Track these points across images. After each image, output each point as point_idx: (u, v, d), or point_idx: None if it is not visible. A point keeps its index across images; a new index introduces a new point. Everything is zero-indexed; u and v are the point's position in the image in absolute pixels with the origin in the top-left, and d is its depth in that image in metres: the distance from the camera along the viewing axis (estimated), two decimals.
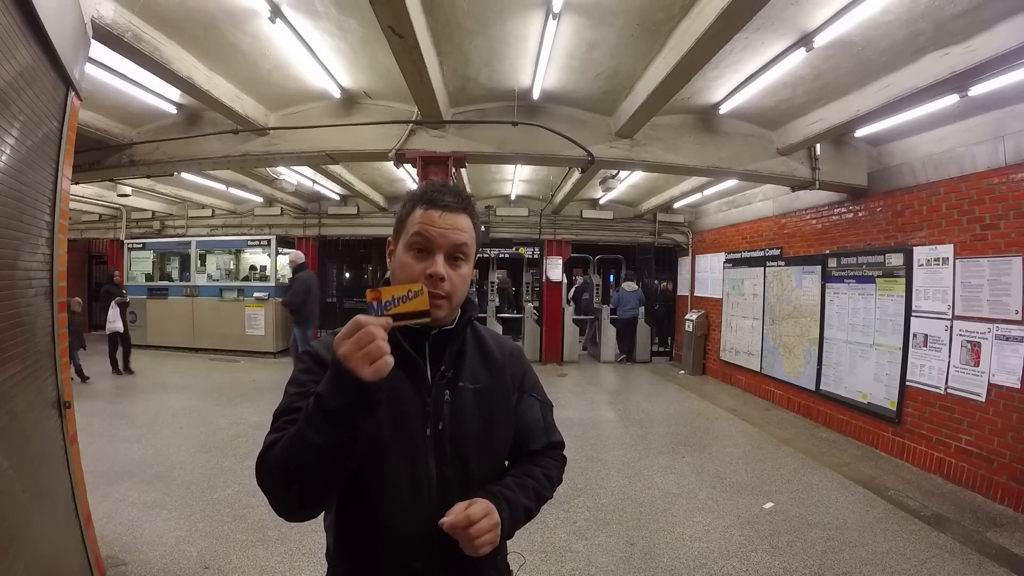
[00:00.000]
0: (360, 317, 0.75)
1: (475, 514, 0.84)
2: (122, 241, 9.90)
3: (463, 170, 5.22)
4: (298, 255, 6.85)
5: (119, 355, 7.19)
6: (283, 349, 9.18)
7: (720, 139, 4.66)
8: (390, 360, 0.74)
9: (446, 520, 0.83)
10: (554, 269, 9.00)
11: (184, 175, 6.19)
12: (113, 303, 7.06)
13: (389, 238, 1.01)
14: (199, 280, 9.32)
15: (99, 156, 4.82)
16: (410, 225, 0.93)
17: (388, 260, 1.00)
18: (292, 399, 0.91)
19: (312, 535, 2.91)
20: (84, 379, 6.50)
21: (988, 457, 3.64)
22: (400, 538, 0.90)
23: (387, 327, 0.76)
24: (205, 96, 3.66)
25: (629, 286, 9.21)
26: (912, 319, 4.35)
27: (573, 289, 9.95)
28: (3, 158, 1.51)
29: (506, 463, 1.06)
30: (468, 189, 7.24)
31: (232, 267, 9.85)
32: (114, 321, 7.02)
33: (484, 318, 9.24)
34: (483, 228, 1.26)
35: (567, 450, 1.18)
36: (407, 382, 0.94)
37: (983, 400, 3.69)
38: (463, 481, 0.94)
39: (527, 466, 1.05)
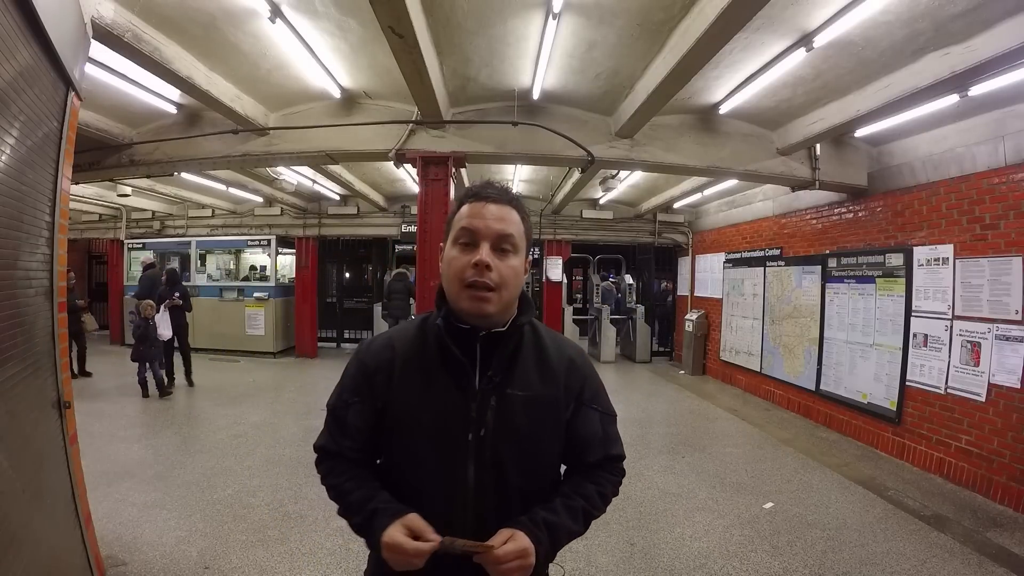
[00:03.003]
0: (410, 547, 0.82)
1: (506, 556, 0.83)
2: (122, 241, 9.90)
3: (463, 170, 5.23)
4: (148, 256, 7.99)
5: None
6: (283, 349, 9.19)
7: (720, 139, 4.66)
8: (419, 565, 0.83)
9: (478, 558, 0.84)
10: (554, 269, 9.00)
11: (184, 175, 6.19)
12: (163, 306, 6.19)
13: (441, 244, 1.01)
14: (199, 280, 9.31)
15: (99, 156, 4.82)
16: (456, 222, 0.94)
17: (439, 264, 0.99)
18: (339, 405, 1.00)
19: (312, 535, 2.91)
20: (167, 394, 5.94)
21: (988, 457, 3.64)
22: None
23: (431, 549, 0.83)
24: (205, 96, 3.66)
25: (605, 284, 9.79)
26: (912, 319, 4.35)
27: (600, 289, 9.97)
28: (3, 158, 1.51)
29: (562, 469, 1.06)
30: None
31: (232, 267, 9.85)
32: (162, 327, 6.16)
33: None
34: (529, 230, 1.21)
35: None
36: (453, 386, 0.94)
37: (983, 400, 3.69)
38: (501, 490, 0.93)
39: (581, 483, 1.02)
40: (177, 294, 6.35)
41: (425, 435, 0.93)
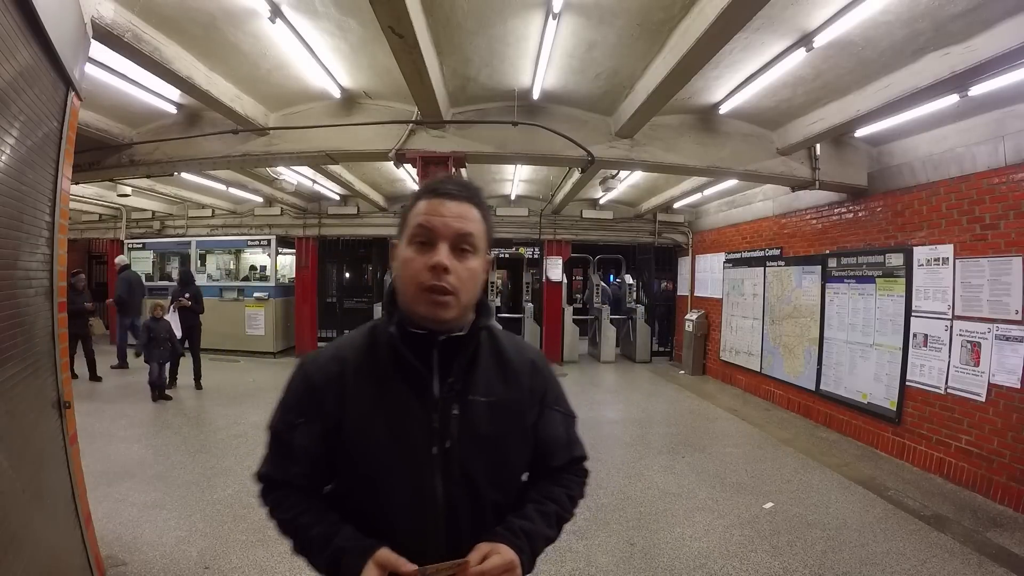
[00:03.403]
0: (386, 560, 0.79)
1: (493, 571, 0.80)
2: (122, 241, 9.89)
3: (463, 170, 5.22)
4: (122, 258, 8.29)
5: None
6: (283, 349, 9.18)
7: (720, 139, 4.66)
8: None
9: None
10: (554, 269, 9.00)
11: (184, 175, 6.19)
12: (173, 306, 6.21)
13: (393, 239, 0.94)
14: (199, 280, 9.26)
15: (99, 156, 4.82)
16: (412, 219, 0.87)
17: (391, 263, 0.94)
18: (283, 427, 0.91)
19: None
20: (162, 398, 5.75)
21: (988, 457, 3.64)
22: None
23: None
24: (205, 96, 3.66)
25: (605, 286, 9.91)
26: (912, 319, 4.34)
27: (600, 289, 9.98)
28: (3, 158, 1.51)
29: (524, 476, 1.01)
30: None
31: (232, 267, 9.85)
32: (173, 327, 6.07)
33: None
34: (489, 228, 1.22)
35: None
36: (412, 396, 0.87)
37: (983, 400, 3.69)
38: (473, 504, 0.88)
39: (549, 487, 0.99)
40: (188, 295, 6.30)
41: (385, 452, 0.86)
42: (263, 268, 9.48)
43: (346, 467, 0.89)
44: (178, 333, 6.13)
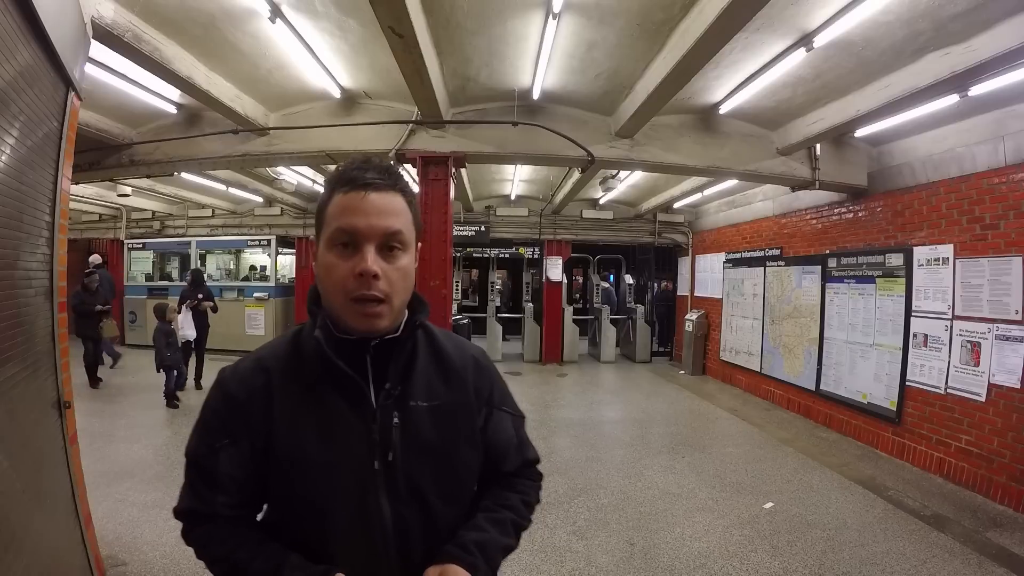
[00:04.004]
0: None
1: None
2: (122, 241, 9.90)
3: (463, 170, 5.22)
4: (96, 257, 8.43)
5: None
6: None
7: (720, 139, 4.65)
8: None
9: None
10: (554, 269, 9.01)
11: (184, 175, 6.20)
12: (185, 306, 6.06)
13: (311, 236, 0.87)
14: None
15: (99, 156, 4.82)
16: (330, 218, 0.76)
17: (313, 266, 0.83)
18: (203, 452, 0.81)
19: None
20: (174, 405, 5.49)
21: (988, 457, 3.64)
22: None
23: None
24: (205, 96, 3.66)
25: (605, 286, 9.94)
26: (912, 319, 4.34)
27: (600, 289, 10.00)
28: (3, 158, 1.51)
29: (475, 486, 0.93)
30: (468, 189, 7.33)
31: (232, 267, 9.85)
32: (183, 327, 5.99)
33: (484, 318, 9.26)
34: (417, 218, 0.78)
35: (567, 451, 1.14)
36: (346, 406, 0.78)
37: (983, 400, 3.69)
38: (424, 522, 0.80)
39: (502, 493, 0.91)
40: (201, 295, 6.23)
41: (321, 471, 0.76)
42: (263, 268, 9.49)
43: (278, 490, 0.79)
44: (192, 334, 6.04)
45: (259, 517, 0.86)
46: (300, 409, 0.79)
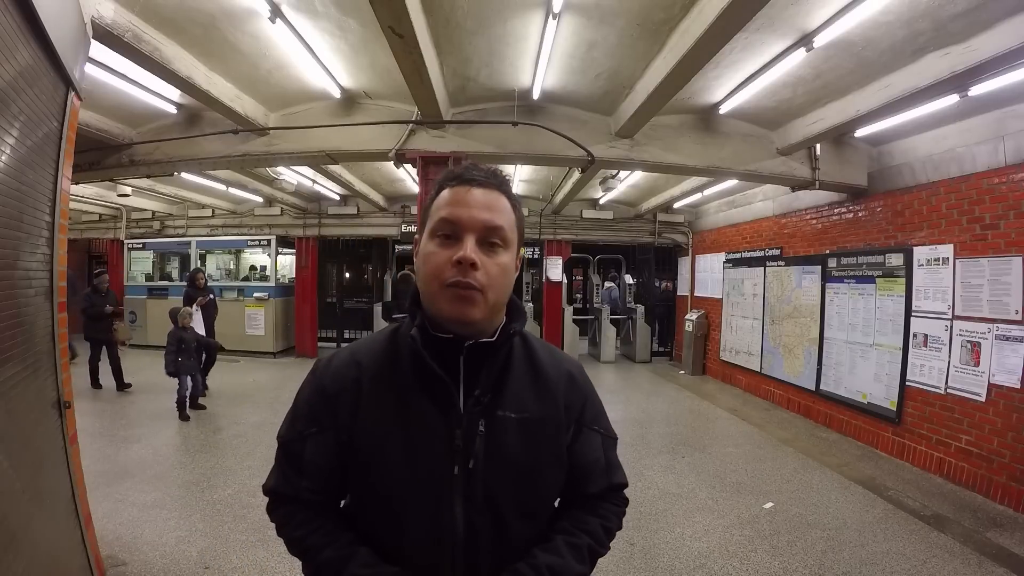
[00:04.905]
0: None
1: None
2: (122, 241, 9.90)
3: None
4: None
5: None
6: (283, 349, 9.18)
7: (720, 139, 4.65)
8: None
9: None
10: (554, 269, 9.01)
11: (184, 175, 6.19)
12: (195, 307, 5.97)
13: (416, 235, 0.85)
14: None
15: (99, 156, 4.82)
16: (435, 211, 0.78)
17: (414, 259, 0.84)
18: (292, 437, 0.85)
19: None
20: (186, 416, 5.15)
21: (988, 457, 3.64)
22: None
23: None
24: (205, 96, 3.66)
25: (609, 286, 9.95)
26: (912, 319, 4.34)
27: (598, 290, 10.02)
28: (3, 158, 1.51)
29: (554, 504, 0.91)
30: None
31: (232, 267, 9.85)
32: (197, 327, 5.83)
33: None
34: (520, 223, 0.79)
35: None
36: (433, 409, 0.79)
37: (983, 400, 3.69)
38: (496, 535, 0.78)
39: (583, 516, 0.88)
40: (212, 294, 6.24)
41: (400, 470, 0.77)
42: (263, 268, 9.48)
43: (357, 484, 0.82)
44: (202, 332, 5.92)
45: (343, 504, 0.88)
46: (386, 407, 0.80)
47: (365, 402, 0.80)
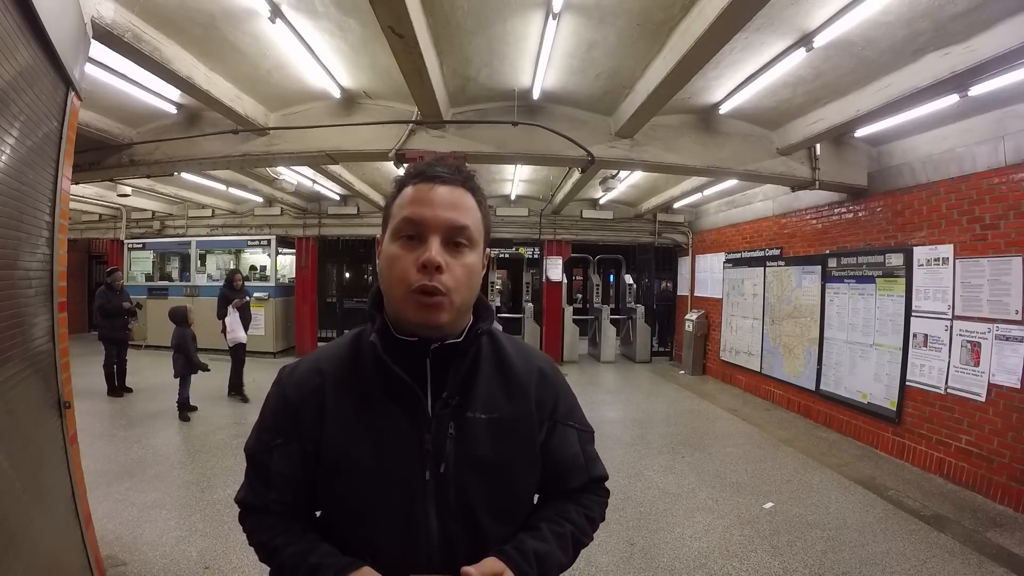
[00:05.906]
0: None
1: None
2: (122, 241, 9.90)
3: None
4: None
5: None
6: (283, 349, 9.18)
7: (720, 139, 4.65)
8: None
9: None
10: (554, 269, 9.01)
11: (184, 175, 6.19)
12: (231, 308, 5.86)
13: (377, 235, 0.83)
14: (199, 280, 9.32)
15: (99, 156, 4.82)
16: (398, 210, 0.76)
17: (377, 260, 0.81)
18: (258, 449, 0.83)
19: None
20: (186, 417, 5.11)
21: (988, 457, 3.64)
22: None
23: None
24: (205, 96, 3.65)
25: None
26: (912, 319, 4.34)
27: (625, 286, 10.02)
28: (3, 158, 1.51)
29: (531, 505, 0.89)
30: None
31: (232, 267, 9.84)
32: (235, 330, 5.83)
33: None
34: (486, 220, 0.84)
35: None
36: (400, 413, 0.77)
37: (983, 400, 3.69)
38: (472, 540, 0.76)
39: (564, 506, 0.88)
40: (248, 297, 6.14)
41: (370, 479, 0.74)
42: (263, 268, 9.48)
43: (327, 495, 0.79)
44: (243, 334, 5.96)
45: (317, 514, 0.87)
46: (352, 414, 0.78)
47: (330, 411, 0.78)
